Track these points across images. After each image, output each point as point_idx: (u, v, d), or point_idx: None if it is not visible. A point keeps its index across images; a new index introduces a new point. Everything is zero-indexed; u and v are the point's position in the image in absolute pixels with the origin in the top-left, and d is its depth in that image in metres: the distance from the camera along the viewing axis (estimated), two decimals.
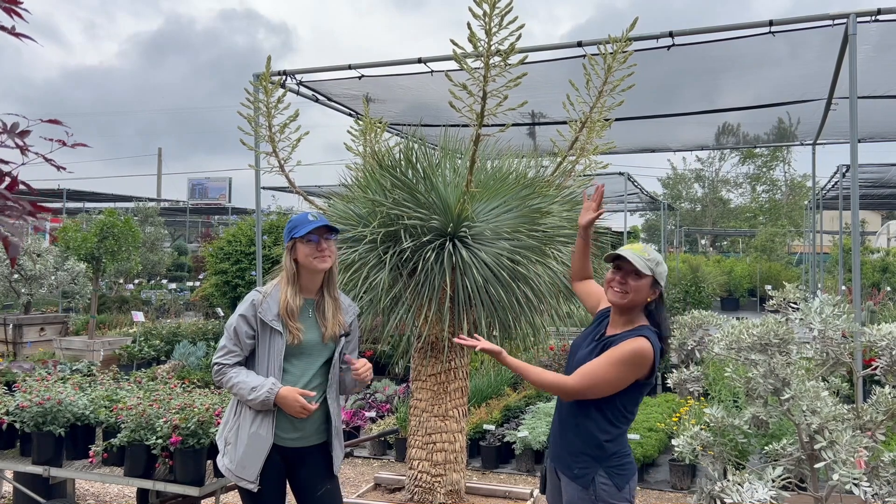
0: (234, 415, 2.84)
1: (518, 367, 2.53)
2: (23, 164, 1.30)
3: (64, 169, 1.35)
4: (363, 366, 2.90)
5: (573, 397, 2.52)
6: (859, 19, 4.80)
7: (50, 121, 1.33)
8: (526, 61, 3.52)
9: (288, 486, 2.94)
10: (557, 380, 2.52)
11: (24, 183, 1.34)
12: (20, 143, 1.27)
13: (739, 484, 2.85)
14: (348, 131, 4.54)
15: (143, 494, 4.49)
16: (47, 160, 1.29)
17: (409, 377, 4.20)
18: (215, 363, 2.82)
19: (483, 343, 2.55)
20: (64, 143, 1.34)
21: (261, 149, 4.40)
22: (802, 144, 9.98)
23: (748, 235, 27.45)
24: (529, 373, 2.54)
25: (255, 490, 2.75)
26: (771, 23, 4.97)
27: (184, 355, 9.12)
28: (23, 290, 10.98)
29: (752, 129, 9.42)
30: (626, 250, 2.57)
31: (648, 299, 2.59)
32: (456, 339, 2.62)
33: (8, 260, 10.62)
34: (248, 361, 2.86)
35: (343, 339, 2.94)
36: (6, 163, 1.31)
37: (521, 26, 3.12)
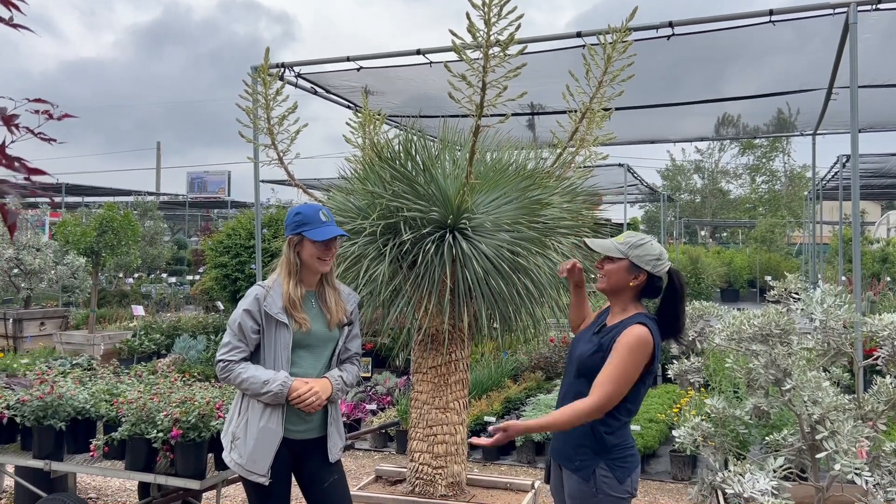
0: (241, 410, 2.81)
1: (542, 425, 2.52)
2: (13, 141, 1.28)
3: (55, 140, 1.34)
4: (306, 392, 2.76)
5: (603, 411, 2.46)
6: (860, 8, 4.77)
7: (36, 100, 1.32)
8: (526, 52, 3.50)
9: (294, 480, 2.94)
10: (581, 407, 2.45)
11: (18, 159, 1.32)
12: (6, 118, 1.25)
13: (740, 474, 2.85)
14: (347, 123, 4.52)
15: (144, 488, 4.50)
16: (35, 134, 1.28)
17: (410, 370, 4.20)
18: (220, 360, 2.77)
19: (499, 436, 2.45)
20: (50, 116, 1.33)
21: (259, 141, 4.38)
22: (802, 135, 9.97)
23: (748, 226, 27.44)
24: (555, 422, 2.48)
25: (267, 483, 2.74)
26: (771, 12, 4.95)
27: (184, 349, 9.12)
28: (22, 285, 10.97)
29: (752, 120, 9.41)
30: (596, 240, 2.66)
31: (631, 283, 2.59)
32: (473, 440, 2.53)
33: (6, 255, 10.63)
34: (253, 356, 2.84)
35: (346, 328, 2.93)
36: None
37: (521, 16, 3.09)
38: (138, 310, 10.57)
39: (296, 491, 2.95)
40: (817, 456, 2.93)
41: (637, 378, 2.49)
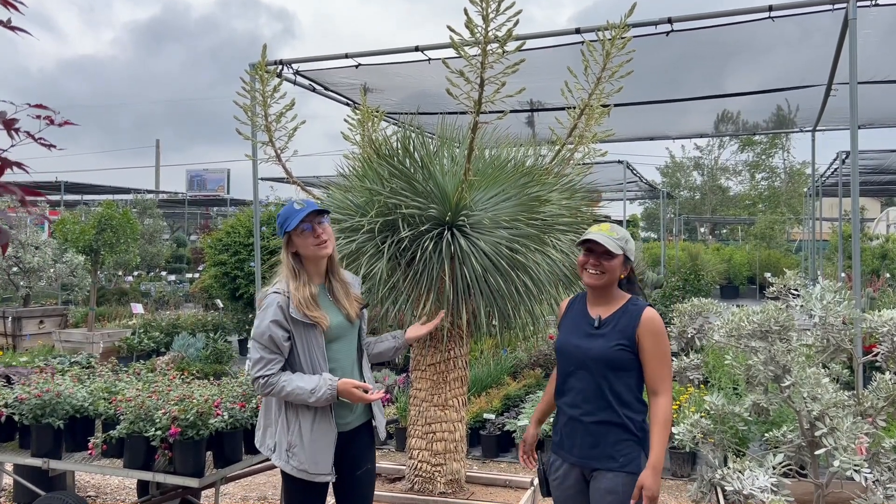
0: (289, 422, 2.76)
1: (663, 450, 2.51)
2: (12, 146, 1.27)
3: (54, 147, 1.33)
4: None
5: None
6: (859, 4, 4.76)
7: (36, 105, 1.31)
8: (525, 48, 3.50)
9: None
10: (665, 410, 2.55)
11: (18, 164, 1.31)
12: (7, 124, 1.24)
13: (740, 471, 2.85)
14: (345, 120, 4.51)
15: (143, 486, 4.50)
16: (35, 139, 1.27)
17: (409, 367, 4.19)
18: (258, 377, 2.70)
19: None
20: (52, 122, 1.32)
21: (257, 138, 4.37)
22: (802, 131, 9.95)
23: (747, 223, 27.44)
24: (664, 439, 2.52)
25: (334, 479, 2.76)
26: (770, 8, 4.93)
27: (183, 347, 9.11)
28: (21, 283, 10.97)
29: (752, 117, 9.40)
30: (595, 233, 2.62)
31: (622, 276, 2.68)
32: None
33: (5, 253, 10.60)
34: (286, 361, 2.81)
35: (364, 310, 2.95)
36: None
37: (519, 12, 3.08)
38: (137, 308, 10.56)
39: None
40: (817, 452, 2.92)
41: None
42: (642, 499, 2.46)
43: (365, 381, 2.89)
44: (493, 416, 6.28)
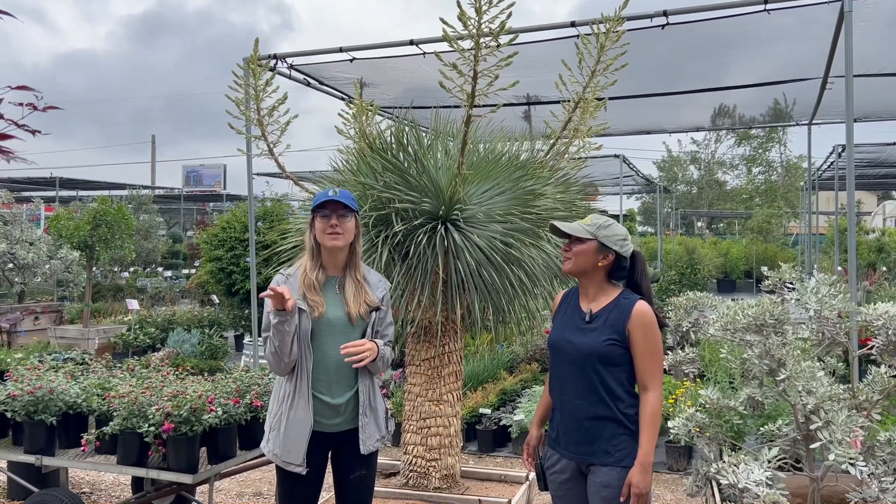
0: (275, 405, 2.83)
1: (652, 444, 2.50)
2: None
3: (39, 132, 1.30)
4: (355, 347, 2.70)
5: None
6: None
7: (20, 87, 1.29)
8: (521, 42, 3.47)
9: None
10: (655, 406, 2.53)
11: None
12: None
13: (735, 465, 2.84)
14: (339, 114, 4.48)
15: (137, 482, 4.48)
16: (19, 126, 1.25)
17: (405, 362, 4.18)
18: (265, 357, 2.81)
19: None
20: (35, 108, 1.30)
21: (251, 133, 4.34)
22: (798, 125, 9.95)
23: (744, 217, 27.48)
24: (653, 434, 2.51)
25: (304, 473, 2.74)
26: (766, 0, 4.91)
27: (178, 342, 9.09)
28: (16, 279, 10.93)
29: (748, 111, 9.39)
30: (564, 222, 2.68)
31: (600, 264, 2.62)
32: None
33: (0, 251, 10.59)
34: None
35: (374, 313, 2.85)
36: None
37: (512, 4, 3.06)
38: (133, 304, 10.52)
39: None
40: (812, 446, 2.92)
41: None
42: (631, 496, 2.45)
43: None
44: (489, 411, 6.27)
